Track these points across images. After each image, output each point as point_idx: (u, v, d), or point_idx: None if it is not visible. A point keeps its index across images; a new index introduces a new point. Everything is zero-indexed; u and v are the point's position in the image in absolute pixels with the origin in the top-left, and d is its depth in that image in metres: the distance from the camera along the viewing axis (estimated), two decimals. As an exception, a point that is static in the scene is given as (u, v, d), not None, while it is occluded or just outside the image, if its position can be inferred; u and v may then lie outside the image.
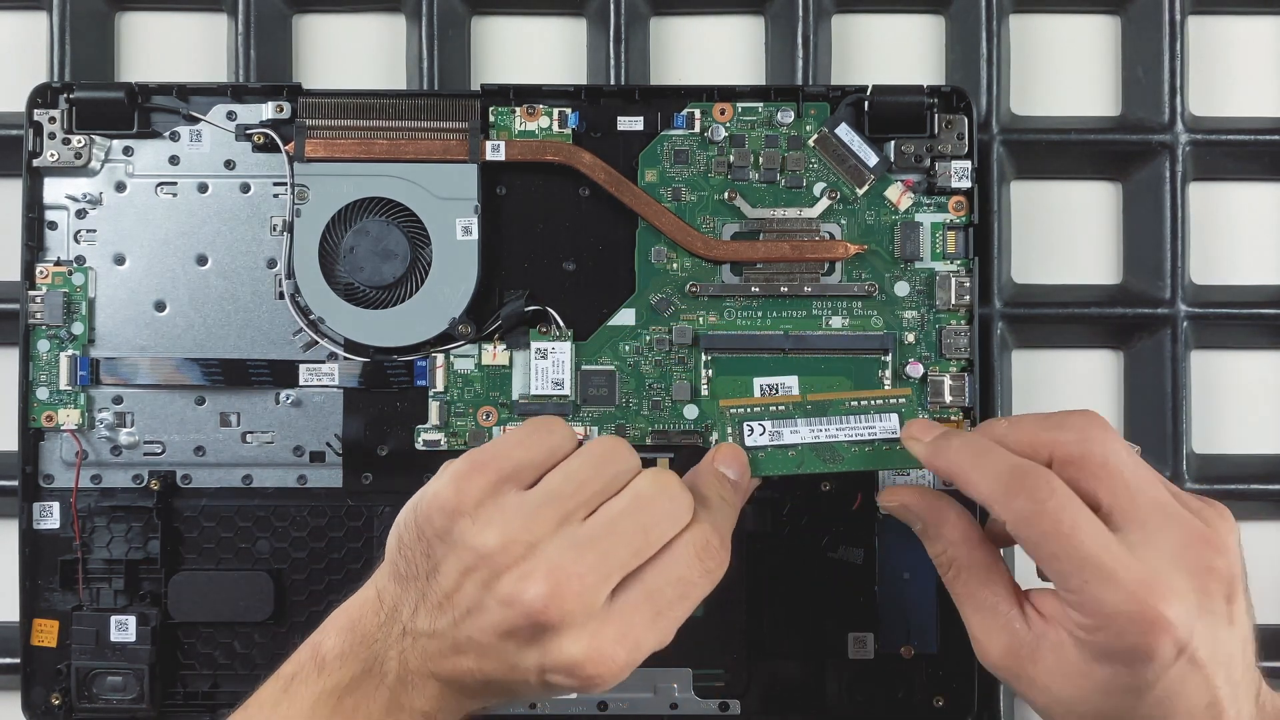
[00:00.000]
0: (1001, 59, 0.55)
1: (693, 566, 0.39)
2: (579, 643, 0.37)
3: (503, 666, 0.38)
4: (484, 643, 0.38)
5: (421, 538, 0.39)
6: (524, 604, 0.37)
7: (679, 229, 0.51)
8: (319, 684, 0.39)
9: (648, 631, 0.38)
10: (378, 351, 0.51)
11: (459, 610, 0.38)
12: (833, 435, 0.45)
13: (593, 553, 0.38)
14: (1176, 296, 0.55)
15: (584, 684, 0.38)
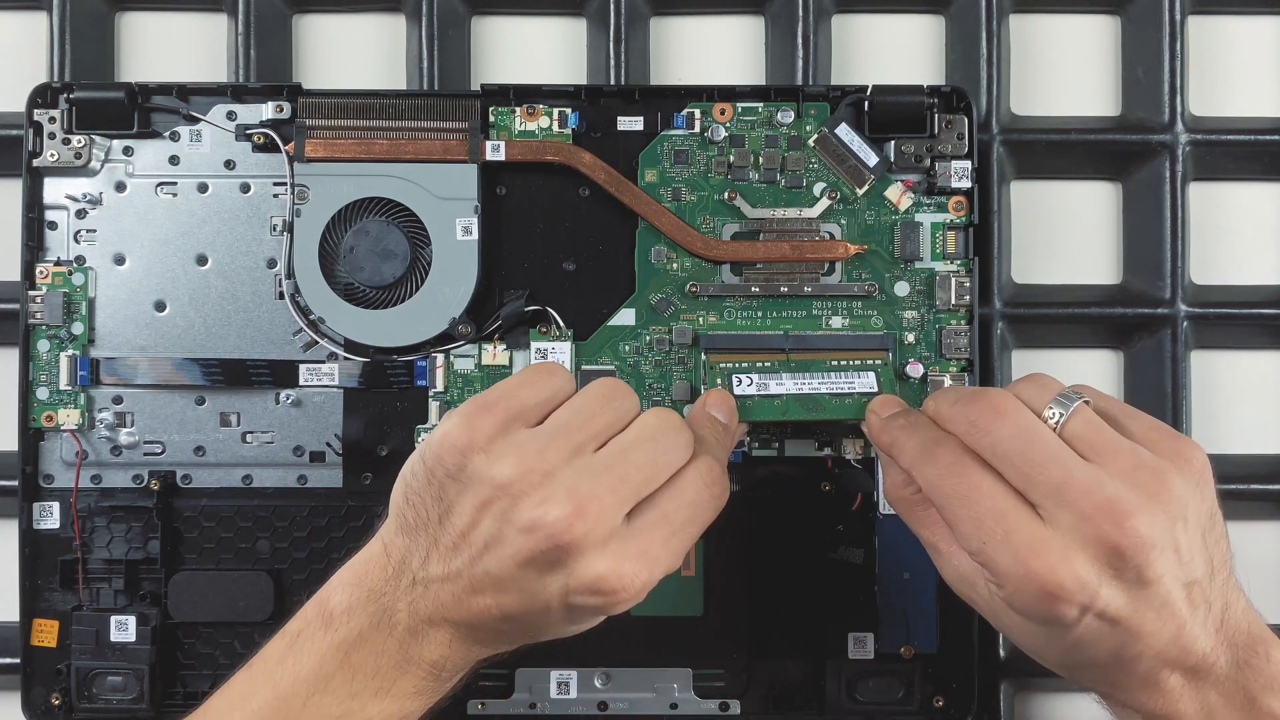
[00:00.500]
0: (1001, 59, 0.55)
1: (701, 492, 0.41)
2: (602, 560, 0.38)
3: (524, 598, 0.38)
4: (504, 575, 0.38)
5: (432, 481, 0.39)
6: (546, 527, 0.37)
7: (679, 229, 0.51)
8: (326, 639, 0.39)
9: (663, 551, 0.39)
10: (378, 351, 0.51)
11: (475, 547, 0.38)
12: (815, 387, 0.48)
13: (609, 476, 0.39)
14: (1176, 296, 0.55)
15: (607, 601, 0.38)
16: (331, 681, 0.39)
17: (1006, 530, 0.38)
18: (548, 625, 0.40)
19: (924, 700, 0.51)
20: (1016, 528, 0.38)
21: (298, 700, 0.39)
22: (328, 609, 0.40)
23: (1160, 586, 0.37)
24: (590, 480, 0.39)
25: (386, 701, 0.39)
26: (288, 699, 0.39)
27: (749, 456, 0.51)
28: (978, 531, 0.38)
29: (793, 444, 0.51)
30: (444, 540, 0.39)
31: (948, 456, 0.40)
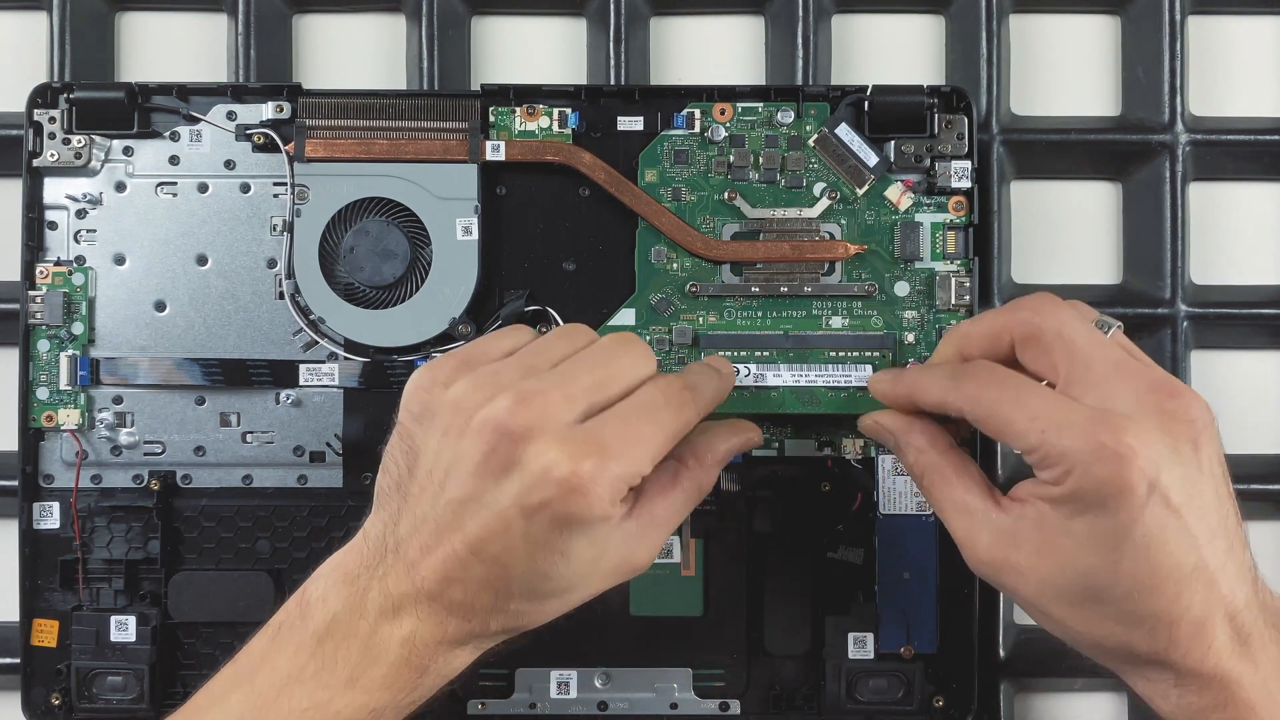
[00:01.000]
0: (1001, 59, 0.55)
1: (657, 399, 0.41)
2: (552, 448, 0.37)
3: (484, 518, 0.38)
4: (464, 496, 0.38)
5: (402, 434, 0.40)
6: (492, 421, 0.38)
7: (679, 229, 0.51)
8: (303, 629, 0.39)
9: (619, 445, 0.38)
10: (378, 351, 0.51)
11: (438, 480, 0.39)
12: (811, 380, 0.50)
13: (557, 377, 0.40)
14: (1176, 296, 0.55)
15: (563, 496, 0.37)
16: (304, 672, 0.38)
17: (1066, 413, 0.38)
18: (514, 557, 0.38)
19: (924, 700, 0.51)
20: (1074, 410, 0.38)
21: (272, 693, 0.38)
22: (306, 599, 0.40)
23: (1210, 475, 0.38)
24: (538, 382, 0.39)
25: (355, 693, 0.38)
26: (263, 693, 0.38)
27: (749, 456, 0.51)
28: (1035, 423, 0.38)
29: (793, 444, 0.51)
30: (413, 489, 0.39)
31: (985, 369, 0.40)
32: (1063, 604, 0.39)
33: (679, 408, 0.41)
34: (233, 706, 0.39)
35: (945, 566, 0.51)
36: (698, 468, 0.43)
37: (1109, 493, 0.37)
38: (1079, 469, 0.37)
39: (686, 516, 0.43)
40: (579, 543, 0.38)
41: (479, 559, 0.38)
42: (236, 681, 0.39)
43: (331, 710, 0.38)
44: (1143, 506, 0.37)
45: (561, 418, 0.38)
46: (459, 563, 0.38)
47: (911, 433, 0.44)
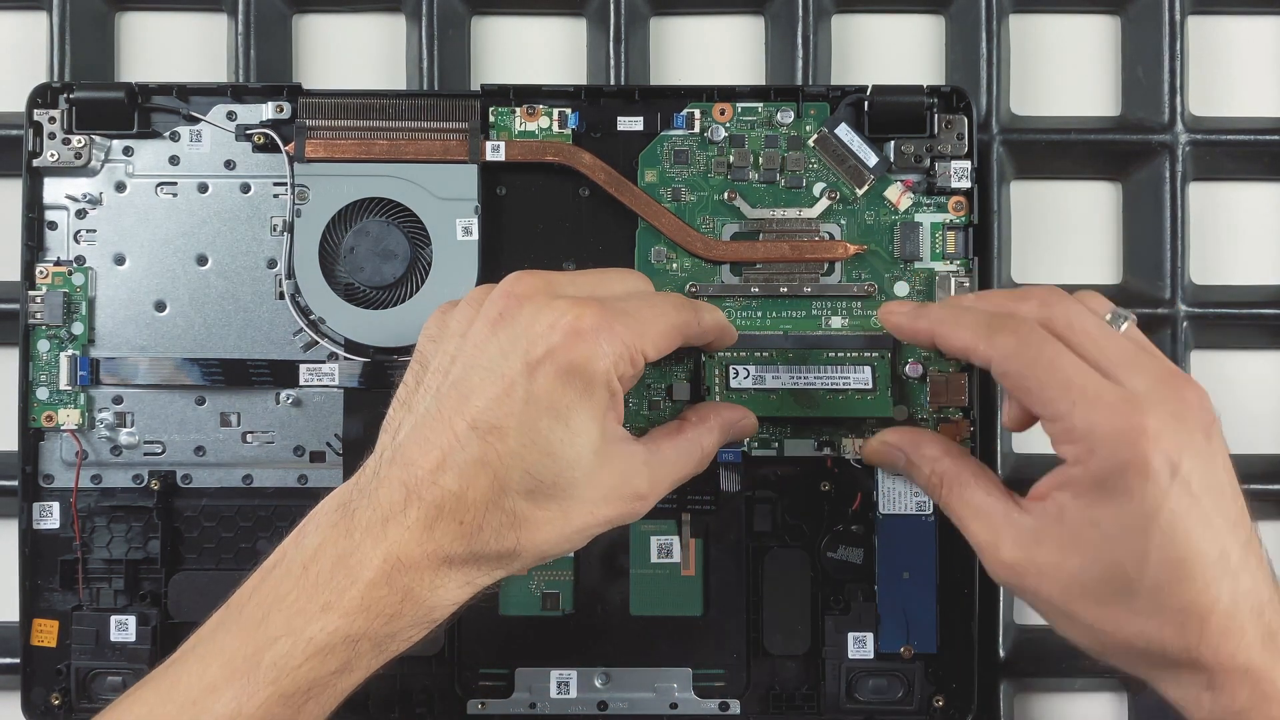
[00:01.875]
0: (1001, 59, 0.55)
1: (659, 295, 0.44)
2: (552, 303, 0.39)
3: (487, 381, 0.38)
4: (470, 368, 0.38)
5: (417, 359, 0.41)
6: (501, 289, 0.39)
7: (679, 229, 0.51)
8: (293, 559, 0.38)
9: (620, 315, 0.39)
10: (378, 351, 0.51)
11: (444, 366, 0.39)
12: (810, 383, 0.50)
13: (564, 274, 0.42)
14: (1176, 296, 0.55)
15: (564, 340, 0.38)
16: (284, 600, 0.37)
17: (1097, 389, 0.38)
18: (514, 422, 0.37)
19: (924, 700, 0.51)
20: (1105, 388, 0.38)
21: (254, 623, 0.37)
22: (301, 532, 0.39)
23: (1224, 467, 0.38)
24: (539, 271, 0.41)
25: (329, 617, 0.36)
26: (247, 624, 0.37)
27: (749, 456, 0.51)
28: (1066, 393, 0.38)
29: (792, 444, 0.51)
30: (418, 395, 0.39)
31: (1026, 325, 0.40)
32: (1091, 602, 0.38)
33: (679, 306, 0.43)
34: (219, 641, 0.38)
35: (945, 566, 0.51)
36: (700, 425, 0.44)
37: (1133, 476, 0.37)
38: (1105, 448, 0.37)
39: (691, 472, 0.44)
40: (581, 412, 0.38)
41: (478, 431, 0.37)
42: (226, 615, 0.39)
43: (305, 636, 0.36)
44: (1167, 491, 0.37)
45: (566, 289, 0.40)
46: (456, 441, 0.37)
47: (922, 444, 0.44)
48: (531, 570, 0.51)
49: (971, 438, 0.51)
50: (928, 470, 0.44)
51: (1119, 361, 0.39)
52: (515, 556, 0.38)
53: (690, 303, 0.45)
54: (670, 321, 0.42)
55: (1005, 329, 0.40)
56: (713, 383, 0.51)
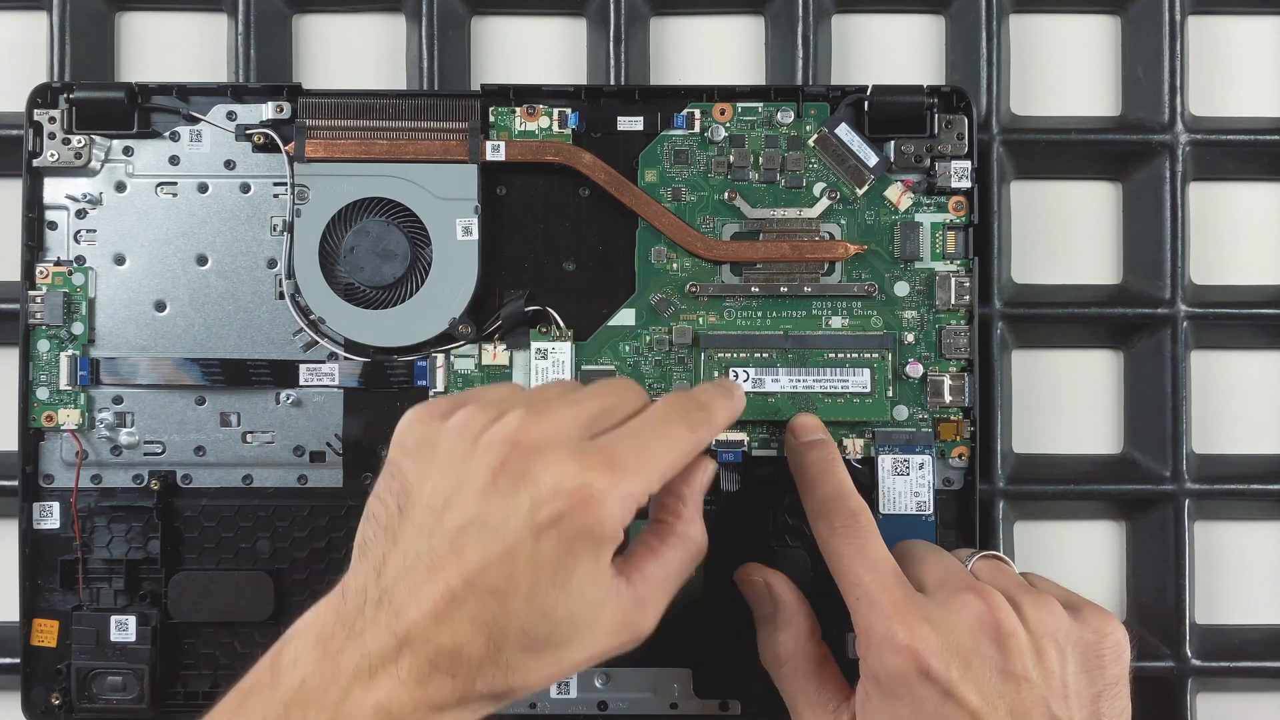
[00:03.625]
0: (1001, 59, 0.55)
1: (670, 415, 0.40)
2: (563, 459, 0.36)
3: (490, 538, 0.35)
4: (467, 518, 0.35)
5: (394, 475, 0.38)
6: (504, 434, 0.37)
7: (679, 229, 0.51)
8: (271, 696, 0.35)
9: (630, 458, 0.37)
10: (378, 351, 0.51)
11: (437, 506, 0.36)
12: (809, 386, 0.50)
13: (561, 403, 0.39)
14: (1176, 296, 0.55)
15: (572, 506, 0.35)
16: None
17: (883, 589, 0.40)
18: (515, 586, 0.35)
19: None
20: (888, 592, 0.40)
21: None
22: (278, 662, 0.36)
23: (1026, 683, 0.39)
24: (545, 402, 0.38)
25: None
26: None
27: (749, 456, 0.51)
28: (853, 588, 0.41)
29: (793, 444, 0.51)
30: (404, 529, 0.36)
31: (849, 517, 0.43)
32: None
33: (693, 426, 0.41)
34: None
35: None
36: (678, 521, 0.42)
37: (894, 677, 0.39)
38: (873, 649, 0.40)
39: (689, 572, 0.42)
40: (582, 573, 0.36)
41: (475, 592, 0.35)
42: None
43: None
44: (924, 701, 0.39)
45: (572, 433, 0.37)
46: (452, 599, 0.35)
47: (797, 615, 0.45)
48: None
49: (971, 438, 0.51)
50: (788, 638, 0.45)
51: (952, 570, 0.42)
52: (508, 696, 0.37)
53: (703, 411, 0.42)
54: (683, 450, 0.40)
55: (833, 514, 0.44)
56: (713, 383, 0.51)
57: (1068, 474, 0.55)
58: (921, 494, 0.50)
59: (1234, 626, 0.56)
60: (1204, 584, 0.56)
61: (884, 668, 0.39)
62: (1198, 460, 0.55)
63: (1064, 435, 0.57)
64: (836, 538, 0.43)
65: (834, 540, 0.43)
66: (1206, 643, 0.55)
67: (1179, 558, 0.54)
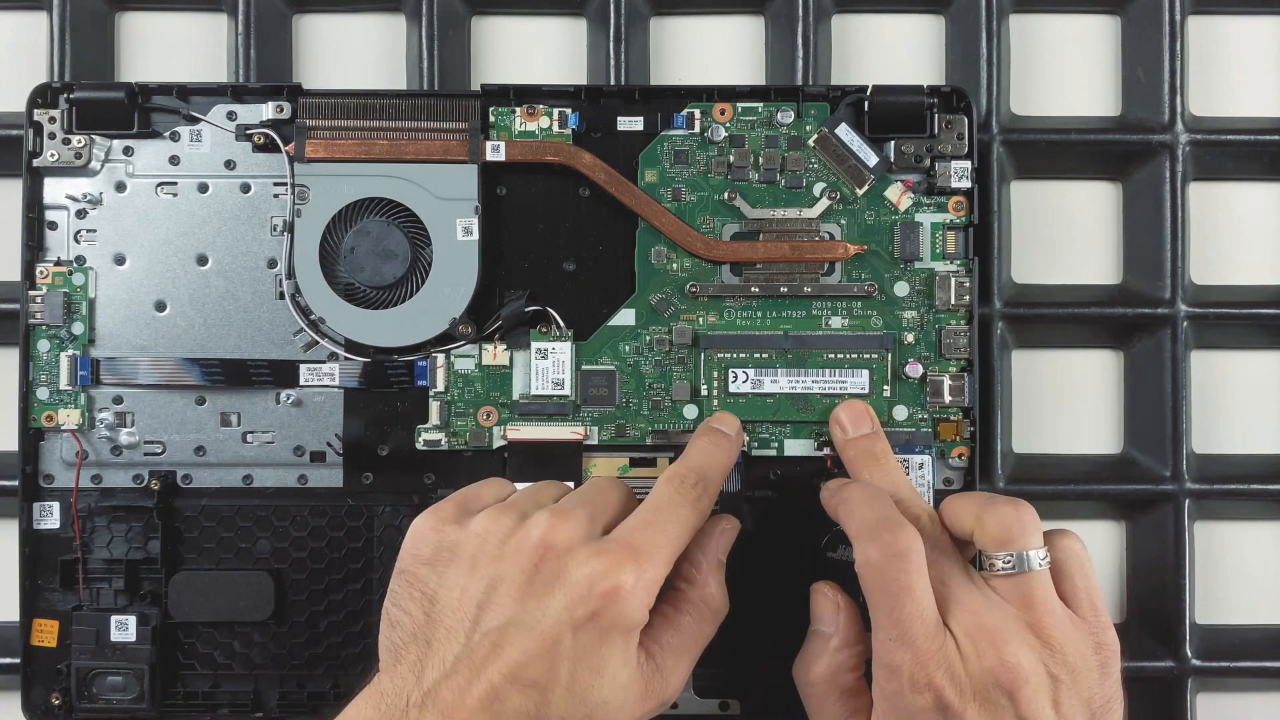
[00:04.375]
0: (1001, 59, 0.55)
1: (674, 496, 0.42)
2: (592, 559, 0.39)
3: (530, 639, 0.38)
4: (506, 620, 0.38)
5: (412, 582, 0.40)
6: (535, 538, 0.39)
7: (679, 229, 0.51)
8: None
9: (645, 540, 0.40)
10: (378, 351, 0.51)
11: (470, 610, 0.39)
12: (808, 387, 0.50)
13: (574, 504, 0.41)
14: (1176, 296, 0.55)
15: (608, 601, 0.38)
16: None
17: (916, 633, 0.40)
18: (555, 678, 0.38)
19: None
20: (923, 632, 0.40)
21: None
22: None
23: None
24: (558, 510, 0.40)
25: None
26: None
27: (749, 456, 0.51)
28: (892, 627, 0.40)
29: (792, 444, 0.51)
30: (437, 634, 0.39)
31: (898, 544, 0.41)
32: None
33: (695, 501, 0.43)
34: None
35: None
36: (691, 587, 0.43)
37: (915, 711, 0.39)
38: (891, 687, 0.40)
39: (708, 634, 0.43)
40: (615, 659, 0.39)
41: (518, 686, 0.37)
42: None
43: None
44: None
45: (590, 531, 0.40)
46: (495, 696, 0.37)
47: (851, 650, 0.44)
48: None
49: (971, 438, 0.51)
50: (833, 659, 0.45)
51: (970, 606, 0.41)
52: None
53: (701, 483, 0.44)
54: (692, 524, 0.42)
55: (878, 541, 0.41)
56: (711, 386, 0.51)
57: (1068, 474, 0.55)
58: (922, 494, 0.50)
59: (1234, 626, 0.56)
60: (1204, 584, 0.56)
61: (905, 703, 0.40)
62: (1198, 460, 0.55)
63: (1064, 435, 0.57)
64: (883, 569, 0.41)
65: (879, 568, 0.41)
66: (1206, 643, 0.55)
67: (1179, 558, 0.54)
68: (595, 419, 0.51)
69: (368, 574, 0.51)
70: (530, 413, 0.51)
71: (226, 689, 0.51)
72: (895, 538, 0.41)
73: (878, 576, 0.41)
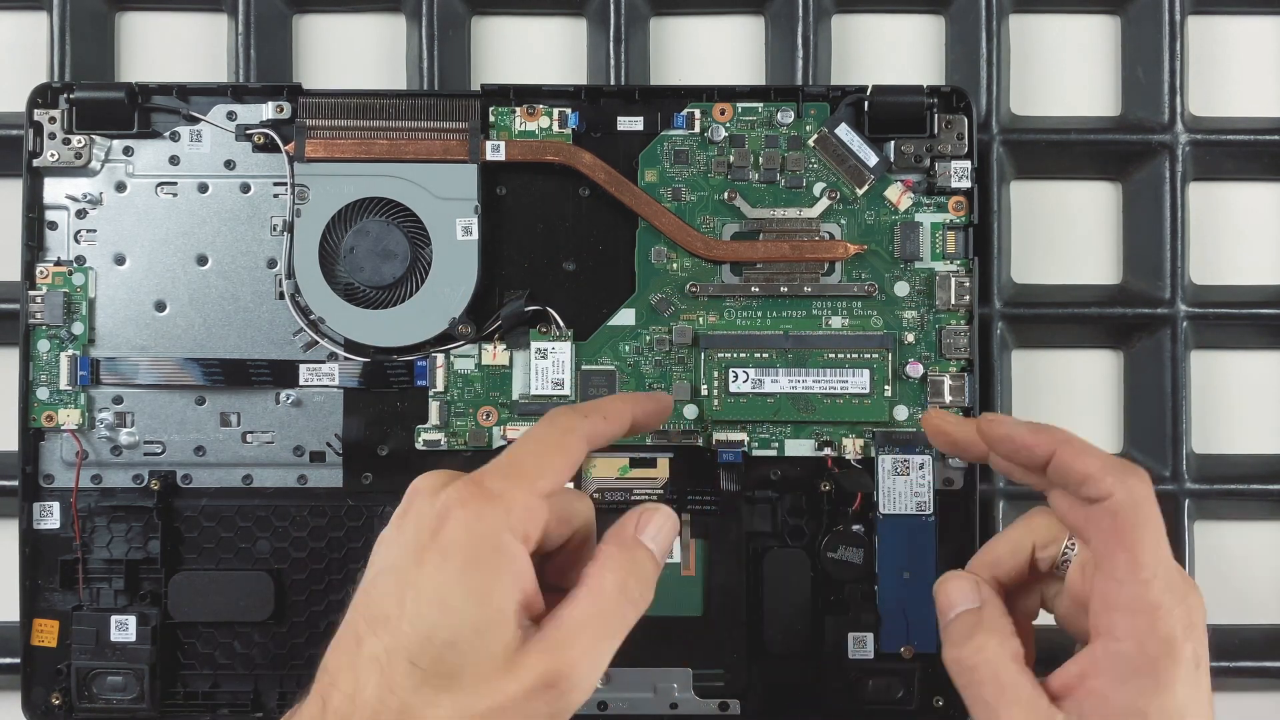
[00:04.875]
0: (1001, 59, 0.55)
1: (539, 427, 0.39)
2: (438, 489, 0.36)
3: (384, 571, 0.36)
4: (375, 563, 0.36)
5: None
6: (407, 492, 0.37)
7: (679, 229, 0.51)
8: None
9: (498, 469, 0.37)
10: (378, 351, 0.51)
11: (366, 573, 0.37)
12: (809, 387, 0.50)
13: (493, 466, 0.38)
14: (1176, 296, 0.55)
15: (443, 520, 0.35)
16: None
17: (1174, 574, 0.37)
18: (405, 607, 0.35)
19: (924, 700, 0.51)
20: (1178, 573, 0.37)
21: None
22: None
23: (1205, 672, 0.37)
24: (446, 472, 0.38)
25: None
26: None
27: (749, 456, 0.51)
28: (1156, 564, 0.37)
29: (792, 444, 0.51)
30: None
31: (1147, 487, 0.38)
32: None
33: (554, 422, 0.39)
34: None
35: (945, 566, 0.50)
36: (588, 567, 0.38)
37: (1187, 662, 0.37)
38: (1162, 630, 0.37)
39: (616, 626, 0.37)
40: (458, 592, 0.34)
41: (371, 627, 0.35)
42: None
43: None
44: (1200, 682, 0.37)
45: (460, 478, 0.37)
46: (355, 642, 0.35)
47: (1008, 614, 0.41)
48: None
49: None
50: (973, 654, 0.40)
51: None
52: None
53: (574, 409, 0.41)
54: (550, 443, 0.38)
55: (1139, 475, 0.38)
56: (711, 386, 0.51)
57: (1068, 474, 0.55)
58: (921, 494, 0.50)
59: (1234, 626, 0.56)
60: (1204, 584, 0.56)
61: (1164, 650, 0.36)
62: (1198, 460, 0.55)
63: (1064, 435, 0.57)
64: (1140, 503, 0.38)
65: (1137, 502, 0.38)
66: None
67: (1179, 558, 0.54)
68: (595, 419, 0.51)
69: (368, 574, 0.51)
70: (530, 413, 0.51)
71: (226, 689, 0.51)
72: (1142, 472, 0.38)
73: (1145, 510, 0.37)
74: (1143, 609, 0.37)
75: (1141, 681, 0.37)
